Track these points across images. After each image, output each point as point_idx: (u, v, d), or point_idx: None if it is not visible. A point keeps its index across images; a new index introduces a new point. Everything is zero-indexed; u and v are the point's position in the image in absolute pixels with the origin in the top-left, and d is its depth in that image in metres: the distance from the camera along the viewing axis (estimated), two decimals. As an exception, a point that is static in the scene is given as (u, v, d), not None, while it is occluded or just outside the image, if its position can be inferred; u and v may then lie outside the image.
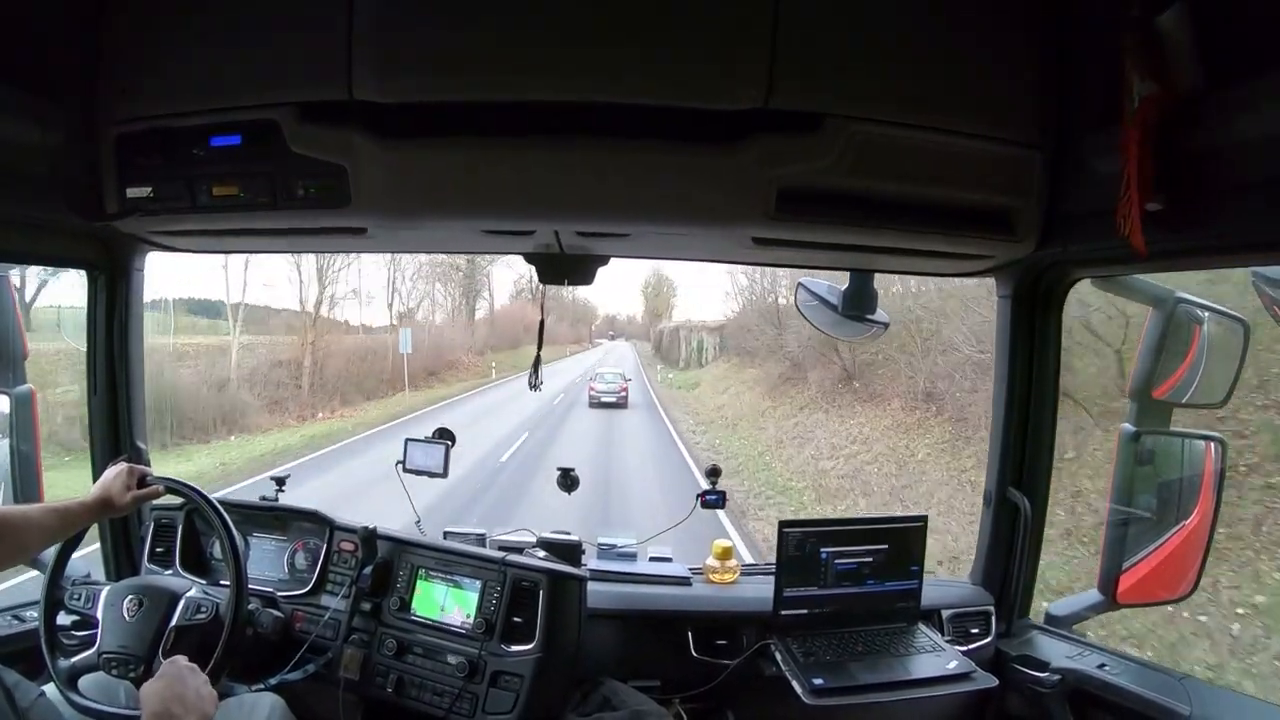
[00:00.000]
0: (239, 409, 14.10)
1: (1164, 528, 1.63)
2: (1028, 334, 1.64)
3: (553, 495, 1.92)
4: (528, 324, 29.65)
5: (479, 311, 28.32)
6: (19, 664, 1.34)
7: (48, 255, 1.56)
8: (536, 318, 1.81)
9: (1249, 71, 0.91)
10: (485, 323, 28.29)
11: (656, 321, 40.07)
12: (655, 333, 38.95)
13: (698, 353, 26.87)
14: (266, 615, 1.55)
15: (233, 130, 1.24)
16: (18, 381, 1.69)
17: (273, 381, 15.96)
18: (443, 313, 25.80)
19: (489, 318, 28.83)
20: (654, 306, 40.85)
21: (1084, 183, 1.24)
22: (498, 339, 27.35)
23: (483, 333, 27.25)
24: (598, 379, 17.80)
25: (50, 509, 1.28)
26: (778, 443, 11.72)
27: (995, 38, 1.22)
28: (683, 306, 43.70)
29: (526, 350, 23.77)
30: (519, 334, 26.68)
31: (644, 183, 1.23)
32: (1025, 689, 1.62)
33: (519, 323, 27.22)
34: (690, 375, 24.26)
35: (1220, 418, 4.25)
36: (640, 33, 1.10)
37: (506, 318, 29.00)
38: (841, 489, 9.14)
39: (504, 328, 27.93)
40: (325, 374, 17.10)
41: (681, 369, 26.92)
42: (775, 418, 13.06)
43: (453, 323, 25.68)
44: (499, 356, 25.84)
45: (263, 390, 15.48)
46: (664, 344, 33.23)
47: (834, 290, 1.79)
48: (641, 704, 1.52)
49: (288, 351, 16.93)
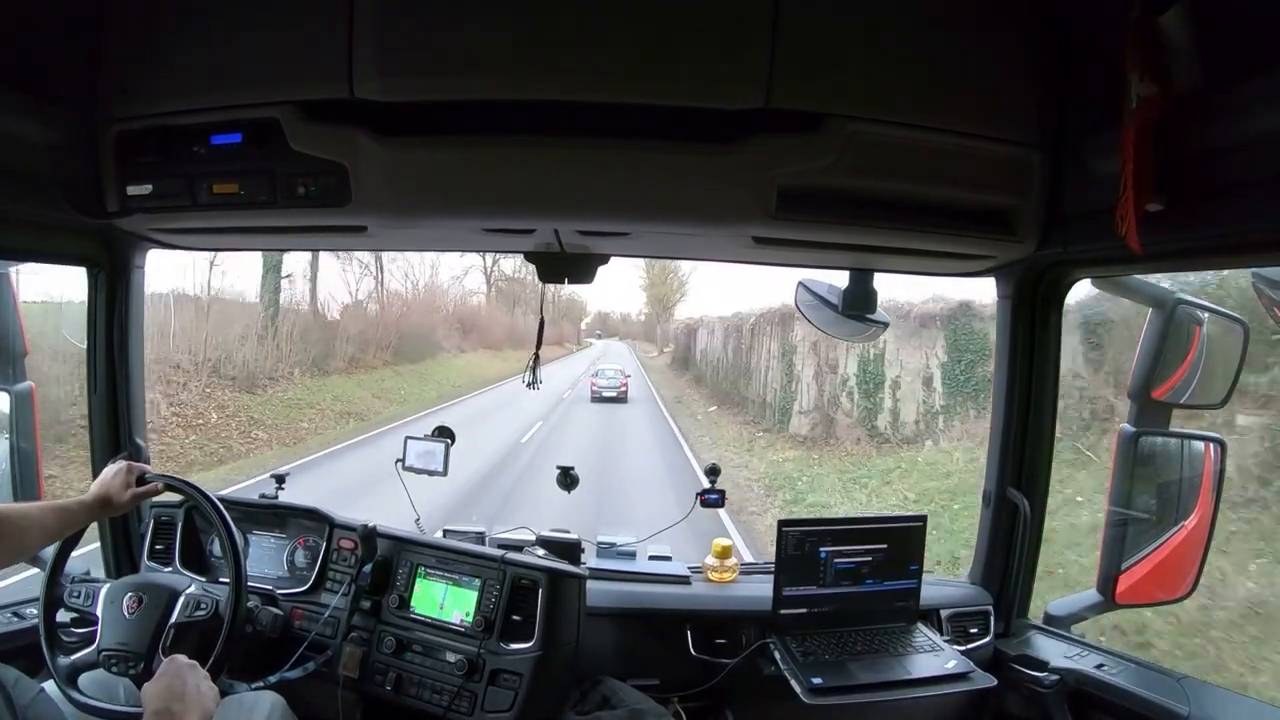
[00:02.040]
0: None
1: (1163, 528, 1.63)
2: (1028, 334, 1.64)
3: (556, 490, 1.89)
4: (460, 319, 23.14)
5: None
6: (18, 661, 1.34)
7: (48, 253, 1.56)
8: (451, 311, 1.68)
9: (1249, 71, 0.91)
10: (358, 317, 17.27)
11: (664, 314, 33.87)
12: (666, 330, 31.88)
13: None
14: (266, 613, 1.55)
15: (233, 128, 1.25)
16: (18, 379, 1.69)
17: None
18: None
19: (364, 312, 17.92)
20: (660, 295, 33.74)
21: (1084, 183, 1.24)
22: (401, 349, 17.83)
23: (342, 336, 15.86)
24: (599, 375, 17.96)
25: (49, 507, 1.28)
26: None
27: (995, 38, 1.22)
28: (693, 298, 36.94)
29: (442, 365, 19.54)
30: (429, 339, 19.51)
31: (644, 182, 1.23)
32: (1024, 689, 1.62)
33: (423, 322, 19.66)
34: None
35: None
36: (641, 33, 1.11)
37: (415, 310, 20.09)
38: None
39: (406, 328, 18.61)
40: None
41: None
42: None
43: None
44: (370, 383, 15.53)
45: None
46: (693, 348, 21.40)
47: (834, 290, 1.80)
48: (640, 703, 1.52)
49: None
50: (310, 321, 15.58)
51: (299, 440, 11.94)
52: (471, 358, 22.75)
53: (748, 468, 10.80)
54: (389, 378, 16.88)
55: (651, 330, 39.39)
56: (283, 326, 14.29)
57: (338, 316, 17.02)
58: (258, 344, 13.49)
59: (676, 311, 33.20)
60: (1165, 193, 1.01)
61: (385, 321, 18.24)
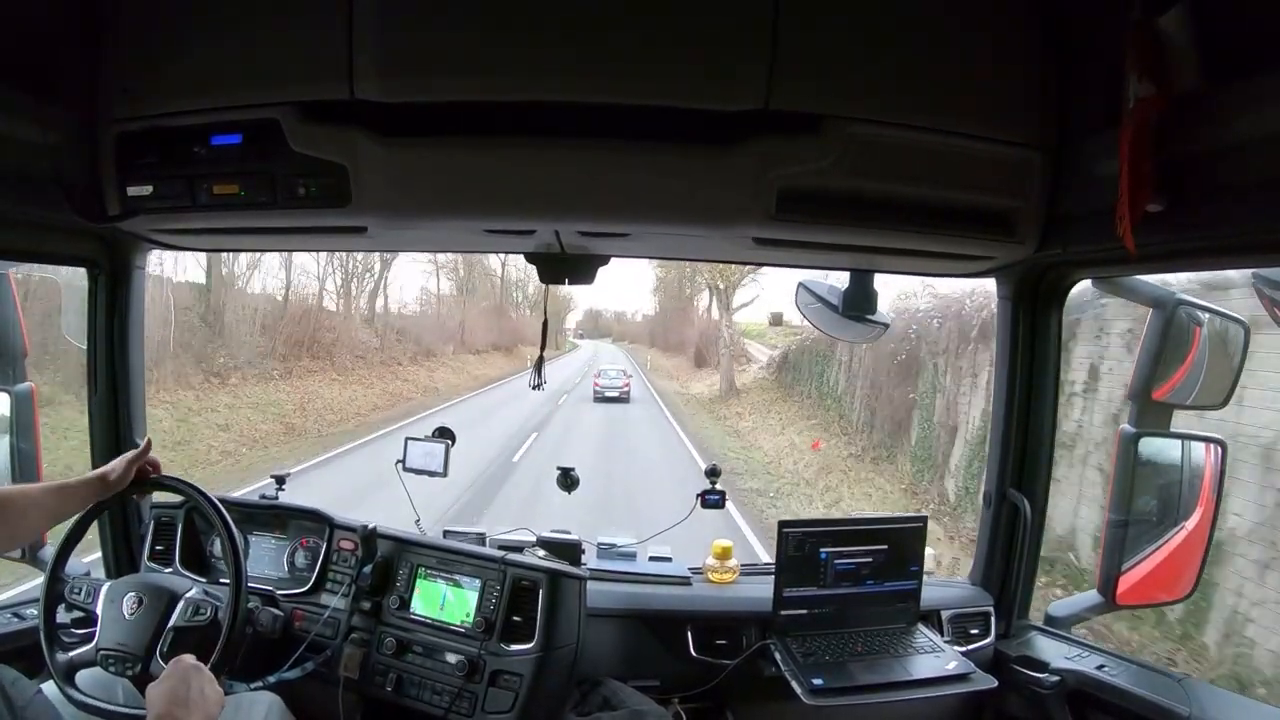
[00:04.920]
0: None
1: (1164, 529, 1.63)
2: (1028, 335, 1.65)
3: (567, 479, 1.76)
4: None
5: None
6: (18, 662, 1.34)
7: (49, 254, 1.57)
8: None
9: (1249, 71, 0.91)
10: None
11: (724, 300, 20.26)
12: (724, 334, 18.54)
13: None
14: (266, 614, 1.55)
15: (233, 129, 1.25)
16: (18, 379, 1.69)
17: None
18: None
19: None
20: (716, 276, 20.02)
21: (1084, 184, 1.24)
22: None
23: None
24: (601, 375, 17.84)
25: (49, 487, 1.29)
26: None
27: (995, 38, 1.22)
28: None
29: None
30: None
31: (645, 183, 1.24)
32: (1024, 690, 1.62)
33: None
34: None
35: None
36: (641, 34, 1.11)
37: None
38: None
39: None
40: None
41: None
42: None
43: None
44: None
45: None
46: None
47: (834, 291, 1.80)
48: (641, 704, 1.52)
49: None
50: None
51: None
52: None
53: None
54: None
55: (656, 334, 27.37)
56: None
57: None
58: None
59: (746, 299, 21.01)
60: (1165, 193, 1.01)
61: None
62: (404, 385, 17.67)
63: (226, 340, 13.72)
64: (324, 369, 15.71)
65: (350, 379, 16.17)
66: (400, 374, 18.25)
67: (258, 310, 14.95)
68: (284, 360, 14.91)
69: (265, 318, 15.06)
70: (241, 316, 14.34)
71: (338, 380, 15.76)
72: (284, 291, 16.37)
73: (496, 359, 25.30)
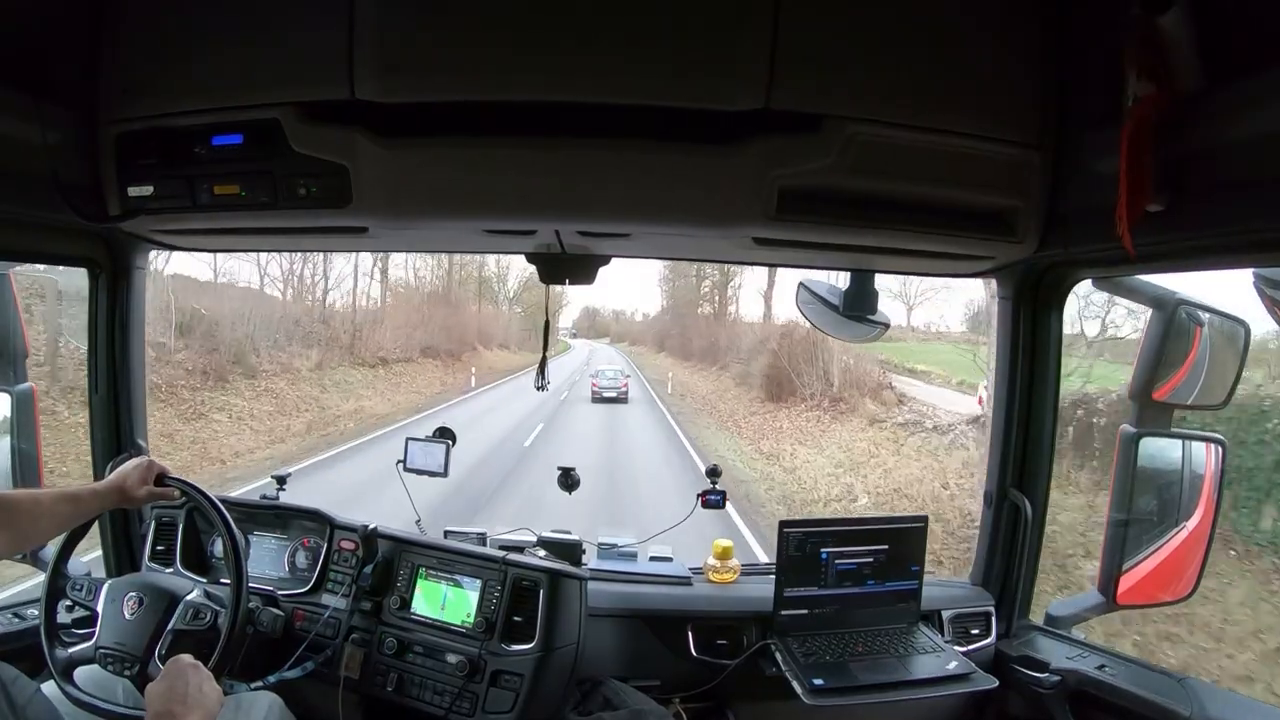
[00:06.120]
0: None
1: (1164, 529, 1.63)
2: (1029, 335, 1.65)
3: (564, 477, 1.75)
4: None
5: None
6: (19, 662, 1.34)
7: (49, 254, 1.57)
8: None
9: (1249, 71, 0.91)
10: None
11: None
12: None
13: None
14: (267, 613, 1.55)
15: (234, 129, 1.25)
16: (19, 379, 1.69)
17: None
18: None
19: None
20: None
21: (1085, 183, 1.24)
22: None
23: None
24: (599, 376, 17.68)
25: (61, 495, 1.28)
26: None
27: (995, 38, 1.22)
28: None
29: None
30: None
31: (645, 183, 1.24)
32: (1025, 690, 1.61)
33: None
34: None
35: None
36: (641, 34, 1.11)
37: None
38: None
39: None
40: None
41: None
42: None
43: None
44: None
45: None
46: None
47: (834, 290, 1.79)
48: (642, 704, 1.52)
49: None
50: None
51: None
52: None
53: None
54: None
55: (693, 331, 20.28)
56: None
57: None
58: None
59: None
60: (1165, 192, 1.01)
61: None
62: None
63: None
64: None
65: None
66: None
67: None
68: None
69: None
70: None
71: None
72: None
73: (425, 372, 18.35)
